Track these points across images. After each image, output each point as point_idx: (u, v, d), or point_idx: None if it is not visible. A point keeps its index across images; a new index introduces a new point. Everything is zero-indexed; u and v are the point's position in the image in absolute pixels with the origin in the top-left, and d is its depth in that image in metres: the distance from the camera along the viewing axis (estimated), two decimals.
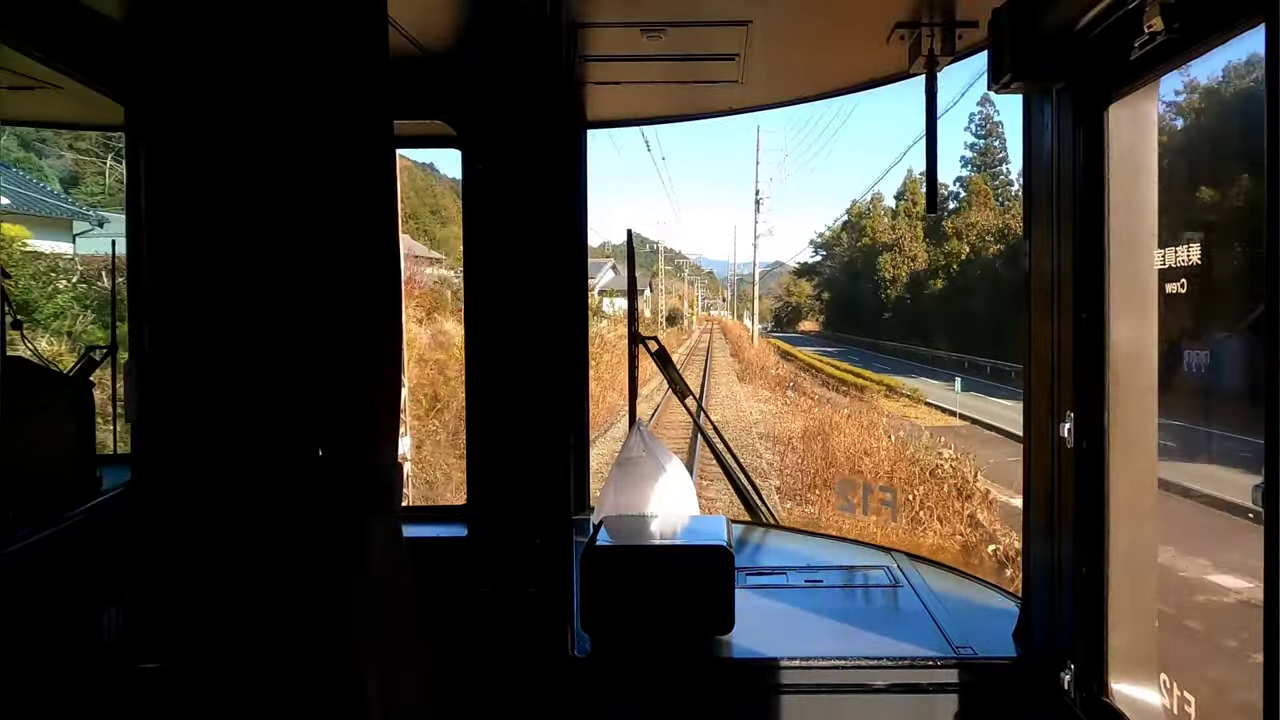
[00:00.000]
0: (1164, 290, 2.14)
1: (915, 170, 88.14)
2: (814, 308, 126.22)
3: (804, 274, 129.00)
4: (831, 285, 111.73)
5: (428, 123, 2.80)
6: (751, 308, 51.95)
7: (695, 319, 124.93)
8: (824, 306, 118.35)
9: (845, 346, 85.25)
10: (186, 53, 1.26)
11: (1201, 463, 12.67)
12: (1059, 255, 2.28)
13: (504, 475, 2.60)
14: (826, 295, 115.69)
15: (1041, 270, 2.35)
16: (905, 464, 17.56)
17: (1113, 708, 2.14)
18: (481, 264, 2.62)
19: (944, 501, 15.08)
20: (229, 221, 1.27)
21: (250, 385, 1.27)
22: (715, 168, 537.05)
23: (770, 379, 39.79)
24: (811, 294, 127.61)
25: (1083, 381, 2.21)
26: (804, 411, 27.05)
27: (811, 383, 42.15)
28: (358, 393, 1.30)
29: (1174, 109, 22.96)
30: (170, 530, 1.30)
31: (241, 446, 1.27)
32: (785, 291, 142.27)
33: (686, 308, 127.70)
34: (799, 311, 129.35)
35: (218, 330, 1.28)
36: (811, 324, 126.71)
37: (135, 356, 2.18)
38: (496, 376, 2.60)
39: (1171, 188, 7.88)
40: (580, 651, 2.51)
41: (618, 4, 2.60)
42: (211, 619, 1.29)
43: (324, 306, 1.27)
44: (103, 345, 2.96)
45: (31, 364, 2.56)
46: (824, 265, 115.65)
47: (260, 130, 1.26)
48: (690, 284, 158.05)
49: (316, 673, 1.29)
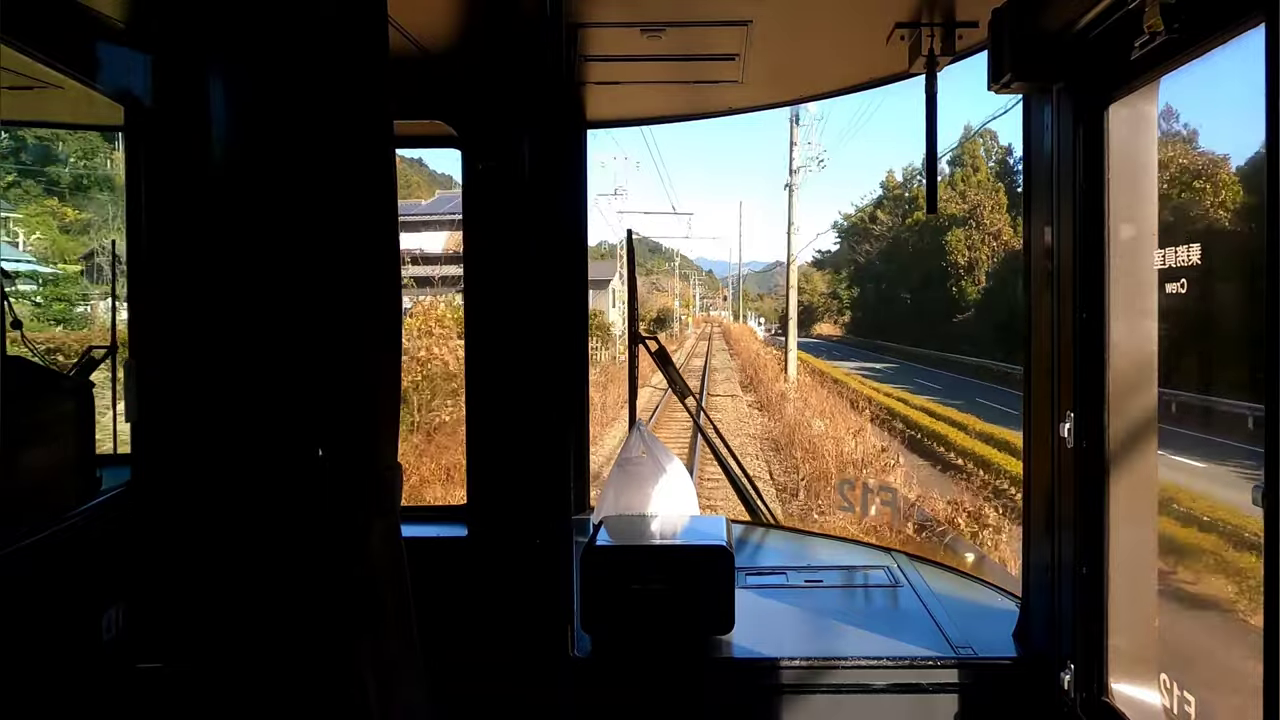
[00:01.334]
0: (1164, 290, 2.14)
1: (968, 127, 71.05)
2: (832, 307, 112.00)
3: (820, 266, 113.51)
4: (864, 277, 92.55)
5: (428, 123, 2.80)
6: (786, 306, 33.46)
7: (692, 319, 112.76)
8: (850, 305, 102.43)
9: (893, 361, 61.01)
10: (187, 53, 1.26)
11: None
12: (1059, 255, 2.28)
13: (504, 475, 2.60)
14: (853, 291, 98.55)
15: (1041, 270, 2.35)
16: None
17: (1112, 708, 2.14)
18: (481, 264, 2.62)
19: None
20: (228, 222, 1.27)
21: (250, 386, 1.27)
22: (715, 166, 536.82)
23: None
24: (827, 290, 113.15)
25: (1083, 381, 2.21)
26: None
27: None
28: (357, 394, 1.30)
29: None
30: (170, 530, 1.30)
31: (242, 447, 1.27)
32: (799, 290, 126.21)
33: (679, 305, 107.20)
34: (811, 312, 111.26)
35: (217, 331, 1.28)
36: (830, 327, 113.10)
37: (135, 356, 2.18)
38: (496, 376, 2.60)
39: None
40: (580, 651, 2.51)
41: (618, 4, 2.60)
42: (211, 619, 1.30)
43: (324, 307, 1.27)
44: (103, 345, 2.96)
45: (31, 364, 2.56)
46: (851, 254, 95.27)
47: (260, 131, 1.26)
48: (684, 277, 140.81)
49: (316, 672, 1.29)
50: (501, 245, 2.59)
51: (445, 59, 2.74)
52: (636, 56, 2.99)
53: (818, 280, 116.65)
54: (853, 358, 64.84)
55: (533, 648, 2.50)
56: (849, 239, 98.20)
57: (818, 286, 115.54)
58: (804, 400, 25.61)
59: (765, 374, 35.61)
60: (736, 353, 55.80)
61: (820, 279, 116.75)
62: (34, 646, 1.85)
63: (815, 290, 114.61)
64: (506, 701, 2.49)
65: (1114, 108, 2.11)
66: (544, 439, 2.53)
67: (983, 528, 11.41)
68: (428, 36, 2.61)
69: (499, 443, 2.60)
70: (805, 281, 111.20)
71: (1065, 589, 2.30)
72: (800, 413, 22.83)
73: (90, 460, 2.38)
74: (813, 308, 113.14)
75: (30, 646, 1.83)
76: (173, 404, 1.30)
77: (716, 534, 2.65)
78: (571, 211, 3.50)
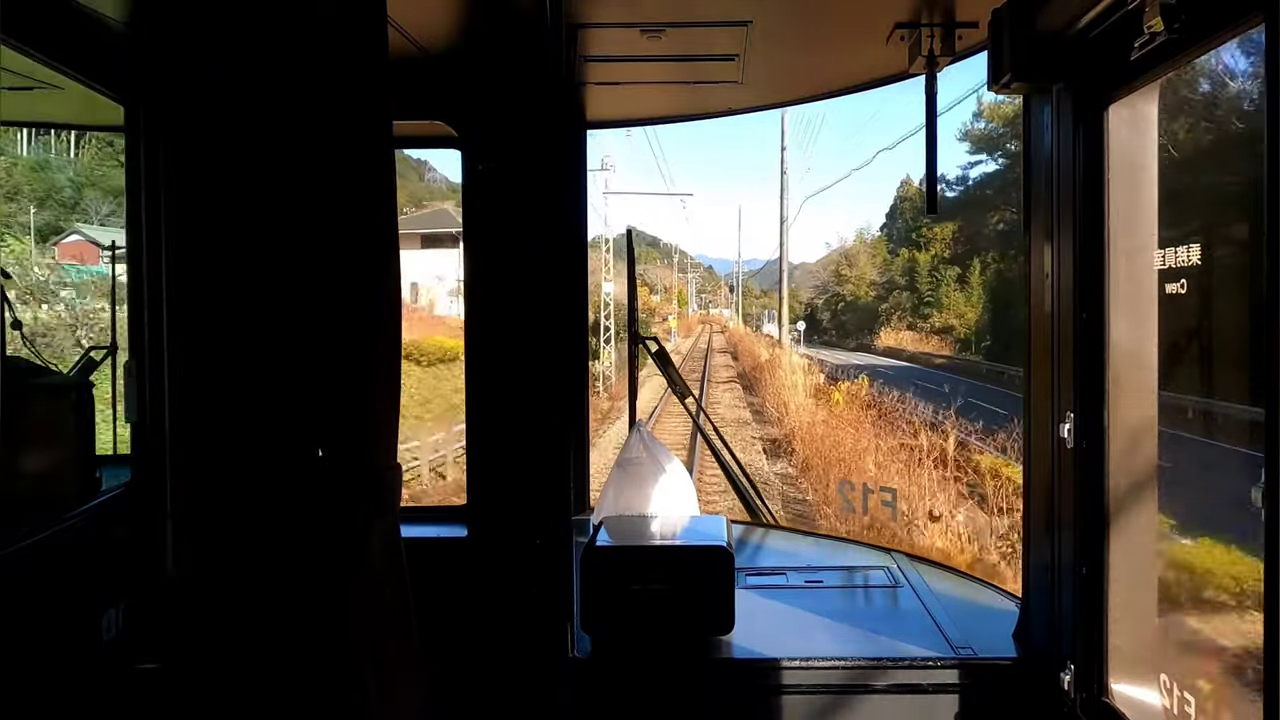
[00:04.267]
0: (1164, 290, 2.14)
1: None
2: (900, 305, 67.36)
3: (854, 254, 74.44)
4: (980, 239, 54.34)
5: (428, 123, 2.80)
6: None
7: (675, 325, 68.30)
8: (942, 299, 61.67)
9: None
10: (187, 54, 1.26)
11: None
12: (1059, 255, 2.28)
13: (504, 476, 2.60)
14: (951, 272, 59.53)
15: (1041, 270, 2.35)
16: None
17: (1112, 708, 2.14)
18: (481, 265, 2.62)
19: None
20: (228, 222, 1.27)
21: (250, 387, 1.27)
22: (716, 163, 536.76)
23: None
24: (877, 280, 70.67)
25: (1083, 381, 2.21)
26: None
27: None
28: (357, 394, 1.30)
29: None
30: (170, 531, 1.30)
31: (242, 448, 1.27)
32: (834, 278, 79.49)
33: (659, 299, 77.75)
34: (856, 311, 71.60)
35: (217, 331, 1.28)
36: (905, 336, 63.81)
37: (135, 357, 2.18)
38: (496, 377, 2.60)
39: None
40: (580, 652, 2.51)
41: (618, 5, 2.60)
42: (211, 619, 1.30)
43: (323, 307, 1.27)
44: (103, 346, 2.96)
45: (31, 364, 2.56)
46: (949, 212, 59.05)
47: (260, 131, 1.26)
48: (676, 265, 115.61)
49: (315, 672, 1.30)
50: (501, 246, 2.59)
51: (445, 59, 2.74)
52: (636, 57, 3.00)
53: (866, 265, 73.36)
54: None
55: (532, 648, 2.50)
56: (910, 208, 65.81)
57: (866, 273, 74.02)
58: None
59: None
60: (761, 390, 30.52)
61: (869, 265, 73.03)
62: (34, 647, 1.85)
63: (864, 278, 73.95)
64: (506, 701, 2.49)
65: (1114, 108, 2.11)
66: (544, 439, 2.53)
67: None
68: (428, 36, 2.61)
69: (499, 443, 2.60)
70: (848, 266, 75.27)
71: (1065, 589, 2.30)
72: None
73: (90, 460, 2.38)
74: (857, 305, 72.70)
75: (30, 647, 1.83)
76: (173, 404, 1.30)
77: (716, 534, 2.65)
78: (571, 212, 3.50)
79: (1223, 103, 20.22)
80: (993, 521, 12.05)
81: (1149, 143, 2.13)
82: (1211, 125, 20.68)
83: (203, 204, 1.27)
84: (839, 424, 18.92)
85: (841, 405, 20.93)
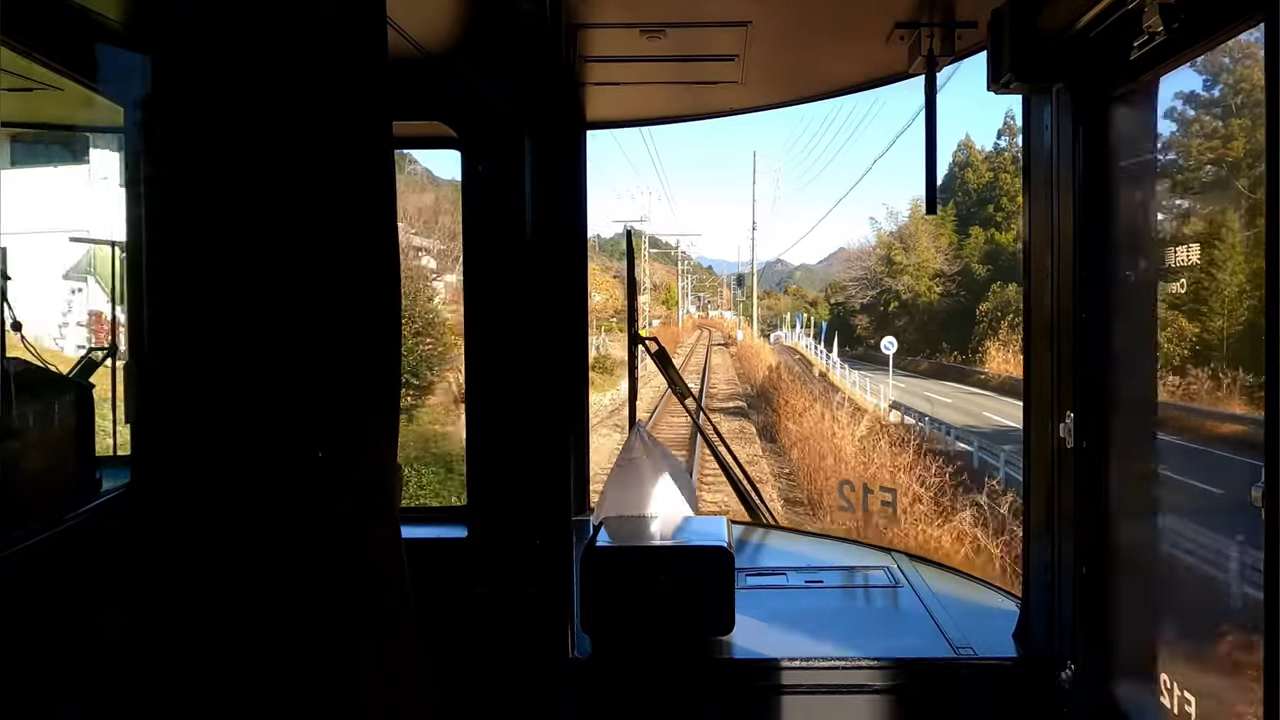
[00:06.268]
0: None
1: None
2: (1007, 306, 43.67)
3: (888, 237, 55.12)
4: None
5: (427, 124, 2.80)
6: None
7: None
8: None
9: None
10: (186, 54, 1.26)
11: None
12: (1059, 255, 2.28)
13: (504, 476, 2.60)
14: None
15: (1041, 270, 2.35)
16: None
17: (1112, 708, 2.14)
18: (481, 265, 2.62)
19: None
20: (227, 223, 1.27)
21: (249, 387, 1.27)
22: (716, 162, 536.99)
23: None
24: (946, 270, 50.22)
25: (1083, 381, 2.21)
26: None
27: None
28: (357, 395, 1.30)
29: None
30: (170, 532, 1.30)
31: (241, 448, 1.27)
32: (883, 268, 56.49)
33: (653, 303, 62.42)
34: (919, 313, 49.69)
35: (217, 332, 1.28)
36: (1015, 352, 33.78)
37: (134, 358, 2.18)
38: (496, 377, 2.60)
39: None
40: (580, 652, 2.51)
41: (618, 5, 2.60)
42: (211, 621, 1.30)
43: (323, 309, 1.27)
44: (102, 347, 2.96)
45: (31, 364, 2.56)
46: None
47: (259, 132, 1.26)
48: (671, 261, 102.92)
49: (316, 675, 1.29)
50: (501, 246, 2.59)
51: (445, 59, 2.74)
52: (636, 57, 3.00)
53: (928, 249, 51.80)
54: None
55: (532, 649, 2.50)
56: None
57: (929, 260, 53.33)
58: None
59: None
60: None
61: (930, 245, 51.50)
62: (34, 648, 1.85)
63: (925, 267, 51.96)
64: (507, 702, 2.49)
65: (1114, 108, 2.11)
66: (543, 440, 2.53)
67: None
68: (427, 37, 2.61)
69: (499, 444, 2.60)
70: (903, 250, 53.28)
71: (1065, 589, 2.30)
72: None
73: (90, 462, 2.38)
74: (917, 305, 50.87)
75: (30, 648, 1.83)
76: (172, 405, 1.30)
77: (716, 534, 2.65)
78: (570, 213, 3.50)
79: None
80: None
81: (1149, 143, 2.13)
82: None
83: (202, 204, 1.27)
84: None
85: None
